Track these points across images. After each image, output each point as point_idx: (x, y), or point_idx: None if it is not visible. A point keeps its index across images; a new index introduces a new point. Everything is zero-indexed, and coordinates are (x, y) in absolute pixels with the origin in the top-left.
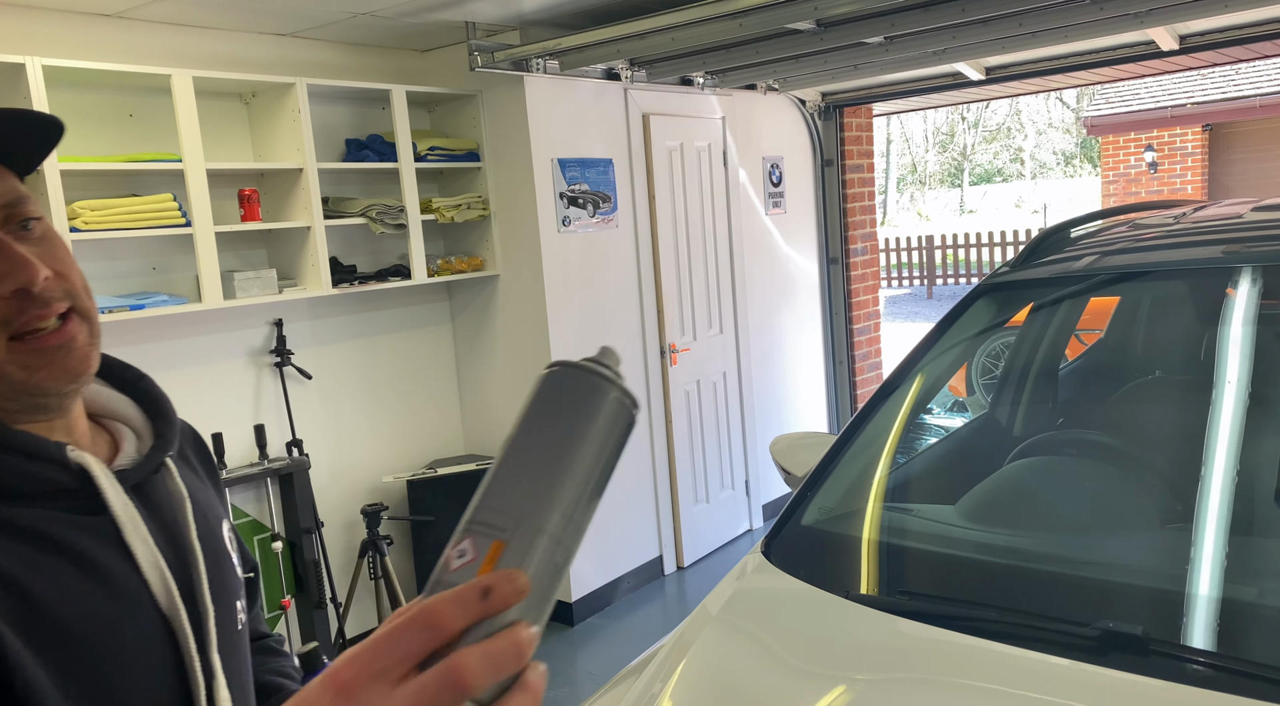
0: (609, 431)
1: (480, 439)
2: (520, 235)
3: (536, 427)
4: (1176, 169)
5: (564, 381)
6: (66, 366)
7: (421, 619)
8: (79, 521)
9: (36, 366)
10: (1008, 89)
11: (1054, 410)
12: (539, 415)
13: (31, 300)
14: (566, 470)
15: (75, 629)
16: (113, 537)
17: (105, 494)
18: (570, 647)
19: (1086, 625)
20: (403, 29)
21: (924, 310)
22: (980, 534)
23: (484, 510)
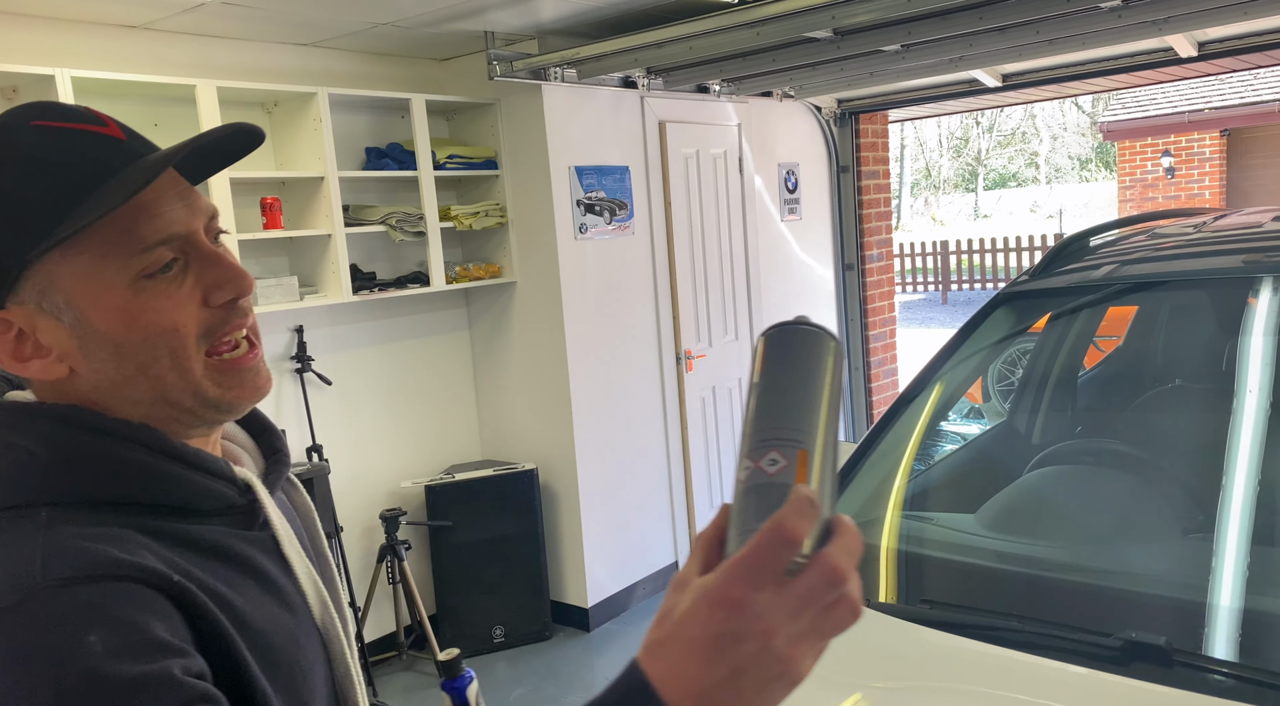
0: (836, 364)
1: (497, 444)
2: (537, 242)
3: (781, 370)
4: (1194, 174)
5: (788, 336)
6: (256, 386)
7: (781, 534)
8: (248, 536)
9: (231, 385)
10: (1024, 96)
11: (1073, 418)
12: (779, 361)
13: (234, 310)
14: (822, 394)
15: (275, 643)
16: (274, 551)
17: (266, 509)
18: (586, 653)
19: (1109, 635)
20: (422, 39)
21: (939, 316)
22: (1001, 543)
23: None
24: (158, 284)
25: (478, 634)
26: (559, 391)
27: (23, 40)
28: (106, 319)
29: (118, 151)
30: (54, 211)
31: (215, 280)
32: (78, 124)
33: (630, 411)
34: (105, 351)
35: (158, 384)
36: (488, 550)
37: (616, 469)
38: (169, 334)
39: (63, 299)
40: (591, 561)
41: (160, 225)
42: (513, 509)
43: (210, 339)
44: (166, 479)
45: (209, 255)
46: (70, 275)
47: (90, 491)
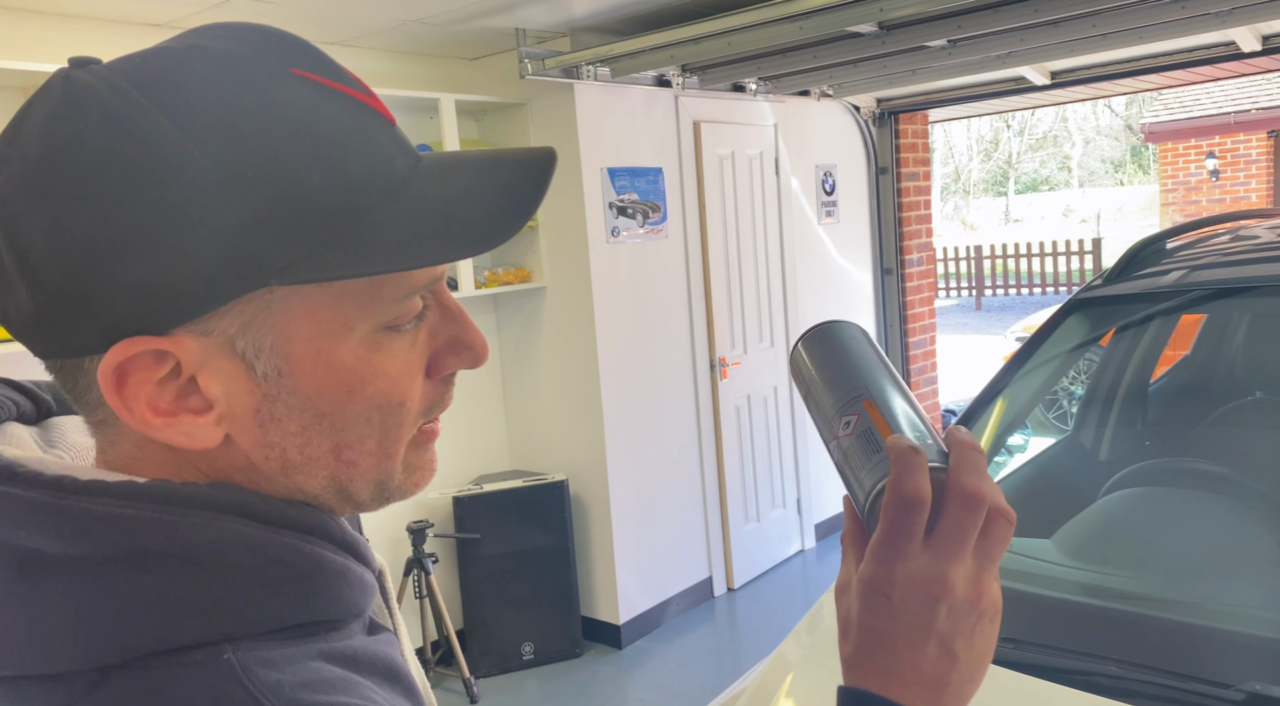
0: (862, 334)
1: (526, 454)
2: (568, 246)
3: (817, 361)
4: (1240, 176)
5: (810, 338)
6: (432, 467)
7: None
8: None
9: (417, 466)
10: (1072, 94)
11: (1143, 434)
12: (813, 358)
13: (450, 387)
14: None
15: None
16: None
17: (391, 602)
18: (619, 672)
19: (1229, 686)
20: (452, 37)
21: (972, 322)
22: (1088, 573)
23: (835, 402)
24: (399, 340)
25: (506, 650)
26: (590, 399)
27: (44, 38)
28: (323, 379)
29: (395, 140)
30: (326, 220)
31: (454, 342)
32: (346, 88)
33: (663, 420)
34: (298, 421)
35: (347, 471)
36: (517, 564)
37: (649, 480)
38: (396, 409)
39: (272, 341)
40: (623, 576)
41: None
42: (542, 521)
43: (427, 417)
44: (355, 582)
45: (450, 308)
46: (302, 312)
47: (279, 615)
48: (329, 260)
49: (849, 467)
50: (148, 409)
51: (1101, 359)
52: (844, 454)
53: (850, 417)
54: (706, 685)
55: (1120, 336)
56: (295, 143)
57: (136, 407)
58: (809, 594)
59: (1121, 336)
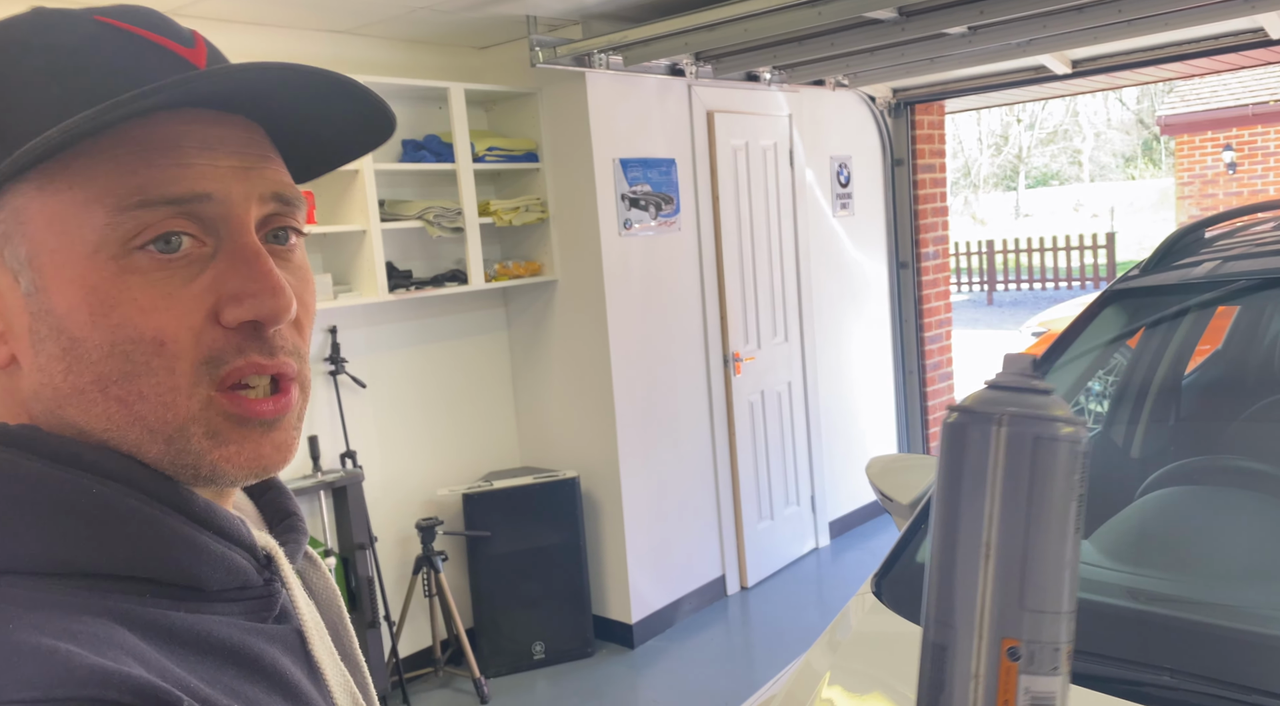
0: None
1: (536, 450)
2: (580, 238)
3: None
4: (1258, 169)
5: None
6: (260, 452)
7: None
8: (267, 631)
9: (227, 439)
10: (1093, 83)
11: (1177, 430)
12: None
13: (259, 343)
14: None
15: None
16: (299, 651)
17: (292, 594)
18: (631, 671)
19: None
20: (461, 24)
21: (985, 317)
22: (1133, 576)
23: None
24: (154, 267)
25: (517, 650)
26: (601, 395)
27: None
28: (69, 297)
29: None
30: (35, 122)
31: (237, 286)
32: (151, 33)
33: (676, 416)
34: (57, 343)
35: (121, 410)
36: (527, 562)
37: (661, 477)
38: (149, 345)
39: (26, 251)
40: (635, 574)
41: (178, 177)
42: (553, 518)
43: (215, 370)
44: (172, 542)
45: (241, 250)
46: (43, 220)
47: (57, 556)
48: (28, 149)
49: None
50: None
51: (1134, 353)
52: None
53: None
54: (720, 685)
55: (1153, 329)
56: (36, 61)
57: None
58: (823, 592)
59: (1155, 329)
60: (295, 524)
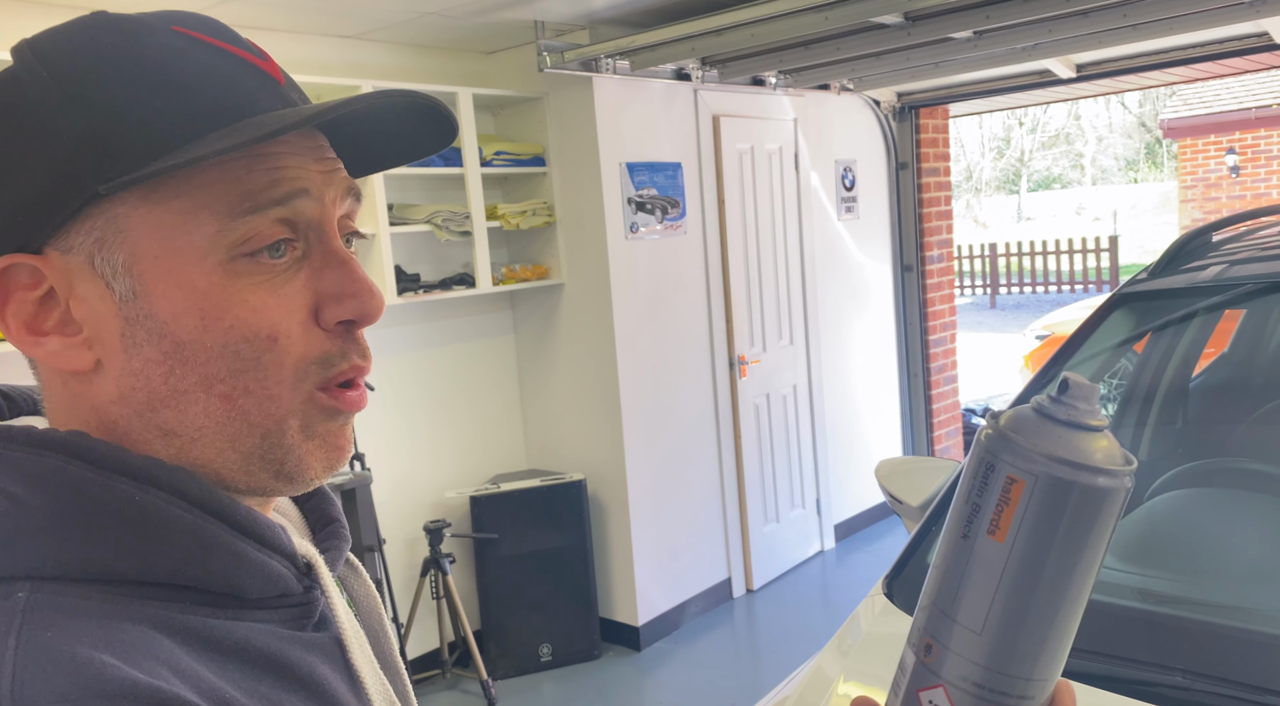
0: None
1: (543, 453)
2: (586, 242)
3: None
4: (1261, 172)
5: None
6: (339, 445)
7: None
8: (306, 639)
9: (315, 432)
10: (1097, 87)
11: (1184, 433)
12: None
13: (355, 344)
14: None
15: None
16: (338, 660)
17: (331, 602)
18: (638, 674)
19: None
20: (469, 29)
21: (988, 320)
22: (1143, 578)
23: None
24: (260, 270)
25: (524, 652)
26: (608, 398)
27: None
28: (175, 302)
29: (270, 91)
30: (157, 137)
31: (337, 287)
32: (231, 46)
33: (682, 419)
34: (158, 348)
35: (224, 407)
36: (534, 564)
37: (667, 479)
38: (262, 342)
39: (124, 259)
40: (642, 577)
41: (279, 180)
42: (560, 521)
43: (325, 370)
44: (213, 550)
45: (336, 253)
46: (146, 228)
47: (99, 563)
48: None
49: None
50: (24, 327)
51: (1141, 357)
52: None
53: None
54: (726, 687)
55: (1161, 333)
56: (141, 72)
57: (14, 324)
58: (829, 595)
59: (1162, 333)
60: (338, 530)
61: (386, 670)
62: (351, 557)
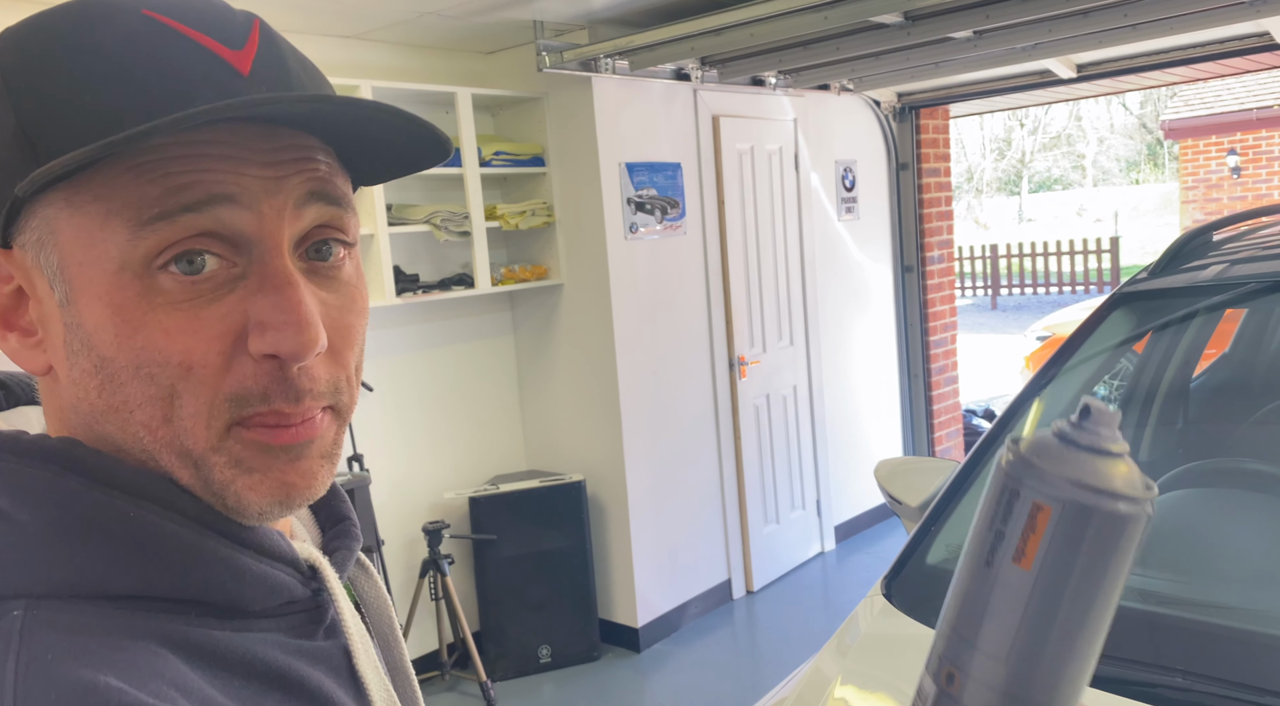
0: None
1: (543, 454)
2: (586, 242)
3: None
4: (1262, 174)
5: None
6: (285, 480)
7: None
8: (310, 649)
9: (251, 466)
10: (1098, 88)
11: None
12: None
13: (283, 385)
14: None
15: None
16: (343, 669)
17: (339, 608)
18: (638, 675)
19: None
20: (468, 30)
21: (989, 321)
22: (1144, 579)
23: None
24: (178, 288)
25: (523, 653)
26: (607, 398)
27: None
28: (95, 313)
29: (221, 83)
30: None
31: (264, 314)
32: (198, 34)
33: (681, 420)
34: (89, 359)
35: (149, 435)
36: (534, 565)
37: (667, 480)
38: (174, 370)
39: (57, 262)
40: (641, 578)
41: (192, 183)
42: (559, 522)
43: (240, 408)
44: (211, 564)
45: (272, 275)
46: (70, 232)
47: (93, 579)
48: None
49: None
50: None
51: (1141, 357)
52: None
53: None
54: (726, 689)
55: (1161, 333)
56: (78, 63)
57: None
58: (829, 596)
59: (1162, 333)
60: (348, 529)
61: (395, 675)
62: (362, 557)
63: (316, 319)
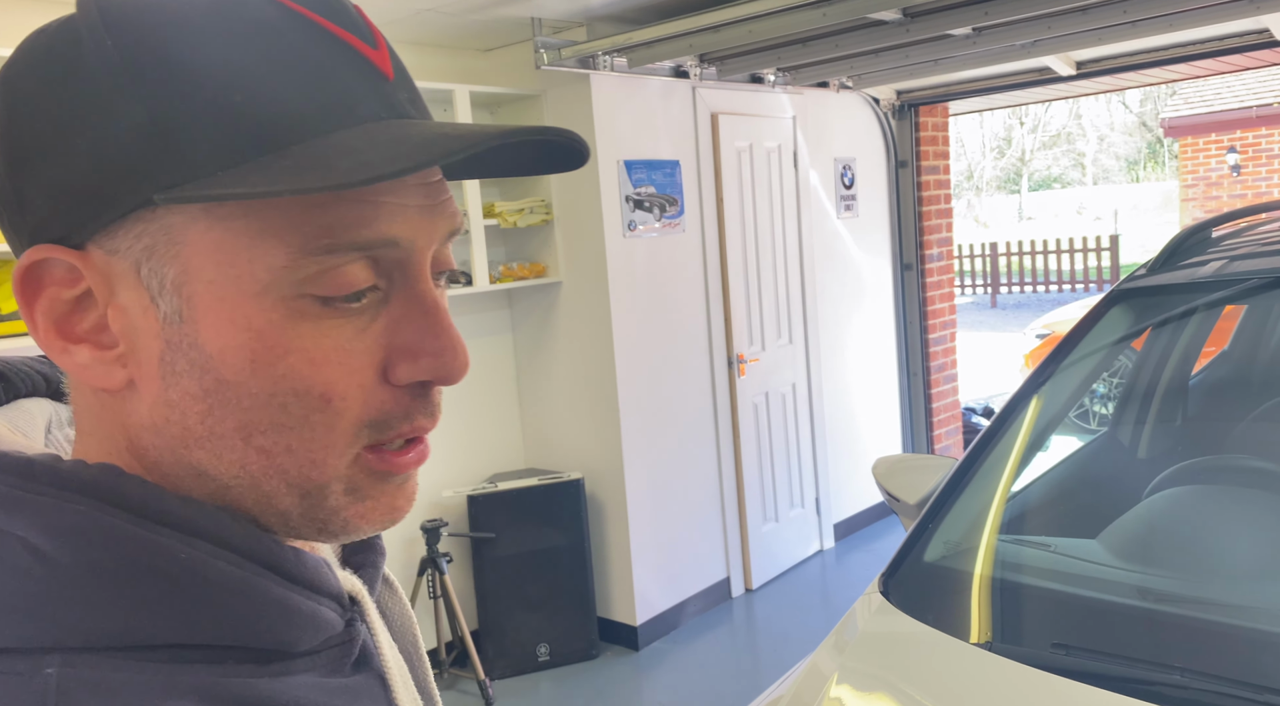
0: None
1: (541, 452)
2: (584, 240)
3: None
4: (1262, 171)
5: None
6: (394, 505)
7: None
8: (351, 687)
9: (366, 494)
10: (1097, 85)
11: (1184, 430)
12: None
13: (425, 403)
14: None
15: None
16: (381, 700)
17: (375, 636)
18: (636, 673)
19: None
20: (466, 27)
21: (988, 319)
22: (1142, 576)
23: None
24: (329, 316)
25: (522, 651)
26: (606, 397)
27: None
28: (224, 336)
29: (374, 91)
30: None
31: (416, 342)
32: (333, 24)
33: (680, 418)
34: (198, 382)
35: (262, 461)
36: (532, 563)
37: (666, 478)
38: (314, 401)
39: (175, 275)
40: (640, 576)
41: (369, 219)
42: (558, 520)
43: (380, 433)
44: (264, 606)
45: (420, 300)
46: (204, 246)
47: (137, 629)
48: (221, 181)
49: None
50: (54, 328)
51: (1140, 353)
52: None
53: None
54: (725, 687)
55: (1160, 329)
56: (225, 56)
57: (43, 324)
58: (828, 595)
59: (1161, 329)
60: (373, 543)
61: (422, 695)
62: (388, 574)
63: (463, 342)
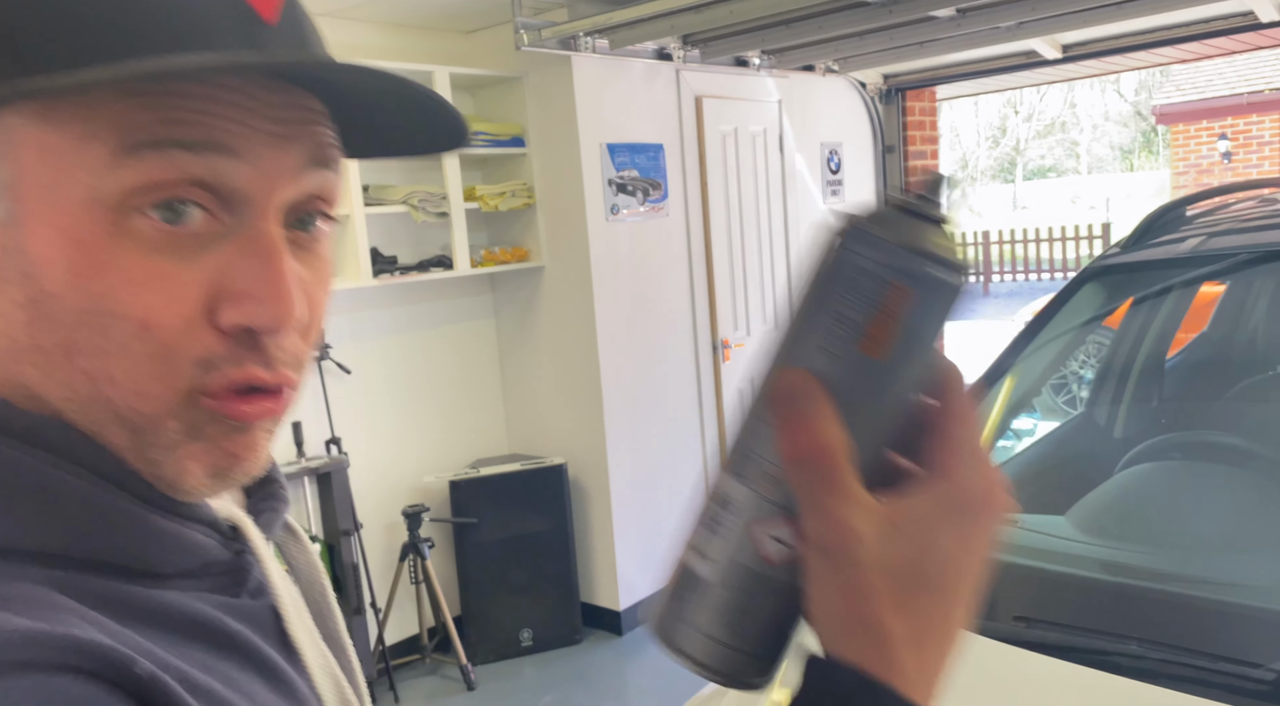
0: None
1: (524, 437)
2: (567, 224)
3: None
4: (1253, 159)
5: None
6: (231, 452)
7: None
8: (237, 606)
9: (201, 434)
10: (1084, 69)
11: (1160, 410)
12: None
13: (256, 352)
14: None
15: None
16: (273, 631)
17: (266, 569)
18: (618, 658)
19: (1259, 665)
20: (447, 8)
21: (981, 307)
22: (1107, 550)
23: None
24: (155, 236)
25: (505, 637)
26: (589, 382)
27: None
28: (48, 242)
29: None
30: (64, 48)
31: (243, 283)
32: None
33: (664, 403)
34: (23, 290)
35: (88, 387)
36: (515, 549)
37: (650, 464)
38: (131, 326)
39: (9, 175)
40: (623, 561)
41: (190, 120)
42: (541, 505)
43: (206, 373)
44: (116, 521)
45: (257, 240)
46: (38, 148)
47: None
48: (50, 78)
49: None
50: None
51: (1116, 333)
52: None
53: None
54: None
55: (1136, 307)
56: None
57: None
58: None
59: (1138, 307)
60: (276, 491)
61: (330, 644)
62: (291, 522)
63: (298, 292)
